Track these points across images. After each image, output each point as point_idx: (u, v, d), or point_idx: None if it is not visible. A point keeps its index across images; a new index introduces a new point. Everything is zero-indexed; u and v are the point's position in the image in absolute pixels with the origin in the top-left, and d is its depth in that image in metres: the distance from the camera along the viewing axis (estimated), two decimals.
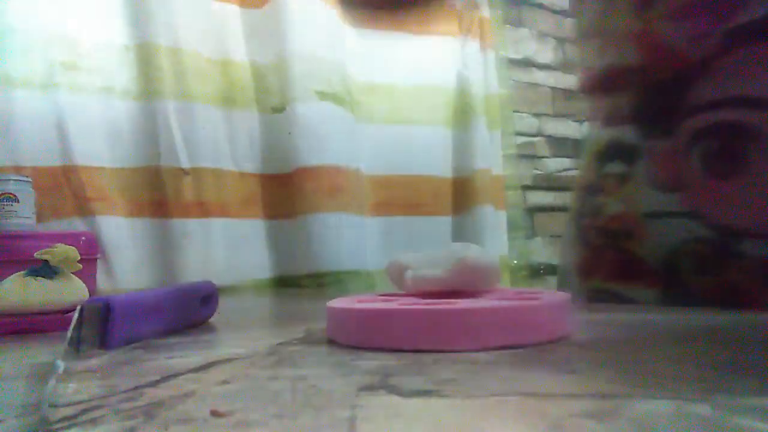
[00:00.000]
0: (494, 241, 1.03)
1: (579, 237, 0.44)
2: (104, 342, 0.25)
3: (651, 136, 0.38)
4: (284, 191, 0.85)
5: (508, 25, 1.30)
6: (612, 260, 0.40)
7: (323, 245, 0.84)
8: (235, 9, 0.85)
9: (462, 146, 1.03)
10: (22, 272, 0.38)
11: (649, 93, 0.38)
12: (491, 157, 1.07)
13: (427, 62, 1.01)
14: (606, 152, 0.42)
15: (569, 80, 1.42)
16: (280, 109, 0.86)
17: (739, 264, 0.33)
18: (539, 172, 1.32)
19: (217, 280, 0.39)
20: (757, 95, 0.33)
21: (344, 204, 0.87)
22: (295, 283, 0.84)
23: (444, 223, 1.01)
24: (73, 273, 0.40)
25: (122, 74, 0.75)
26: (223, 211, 0.80)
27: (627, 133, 0.40)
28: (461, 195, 1.02)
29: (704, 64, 0.34)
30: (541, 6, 1.39)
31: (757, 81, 0.33)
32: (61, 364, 0.20)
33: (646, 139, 0.38)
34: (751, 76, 0.33)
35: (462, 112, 1.04)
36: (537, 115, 1.34)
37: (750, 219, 0.33)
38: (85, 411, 0.15)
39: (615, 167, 0.40)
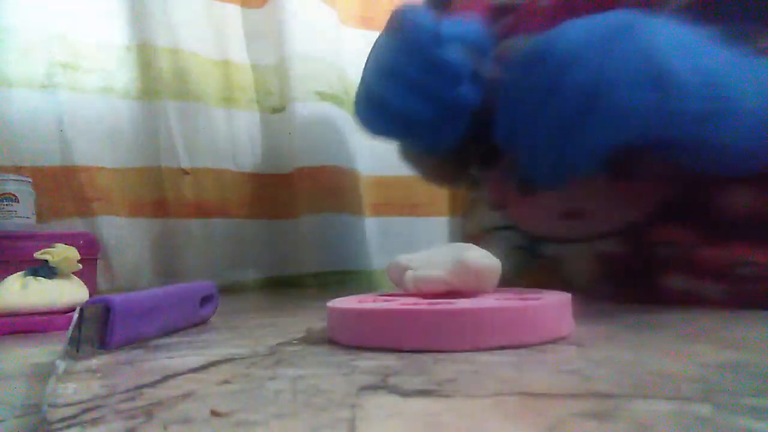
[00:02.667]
0: None
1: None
2: (104, 342, 0.25)
3: (484, 168, 0.47)
4: (284, 191, 0.85)
5: None
6: None
7: (323, 245, 0.84)
8: (235, 9, 0.85)
9: None
10: (22, 272, 0.38)
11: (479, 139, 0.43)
12: None
13: None
14: (467, 182, 0.54)
15: None
16: (280, 110, 0.85)
17: (543, 264, 0.41)
18: None
19: (217, 280, 0.39)
20: None
21: (344, 204, 0.87)
22: (295, 283, 0.84)
23: (441, 223, 1.01)
24: (73, 273, 0.40)
25: (122, 74, 0.74)
26: (223, 211, 0.80)
27: (474, 169, 0.50)
28: (458, 196, 1.02)
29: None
30: None
31: None
32: (61, 364, 0.20)
33: (482, 171, 0.48)
34: None
35: None
36: None
37: (545, 228, 0.41)
38: (85, 411, 0.15)
39: (471, 194, 0.51)
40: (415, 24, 0.39)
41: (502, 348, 0.22)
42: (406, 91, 0.40)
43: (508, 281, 0.30)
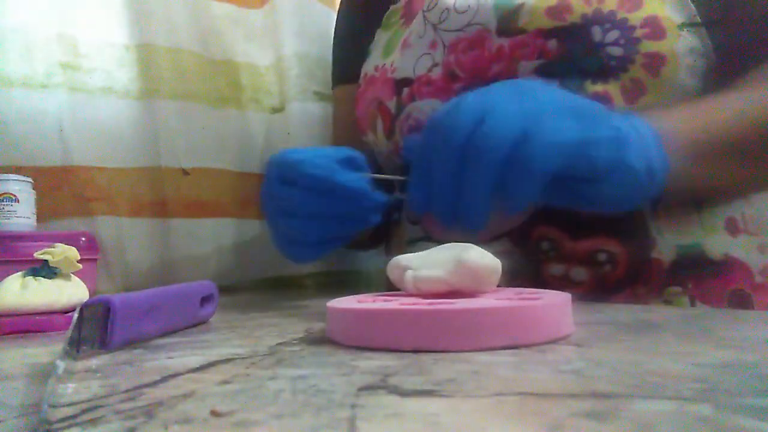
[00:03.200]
0: None
1: None
2: (104, 342, 0.25)
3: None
4: None
5: None
6: None
7: None
8: (234, 9, 0.85)
9: None
10: (22, 272, 0.38)
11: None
12: None
13: None
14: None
15: None
16: (279, 110, 0.86)
17: None
18: None
19: (217, 280, 0.39)
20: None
21: None
22: (295, 283, 0.84)
23: None
24: (73, 273, 0.40)
25: (122, 74, 0.74)
26: (223, 211, 0.80)
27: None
28: None
29: None
30: None
31: None
32: (61, 364, 0.20)
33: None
34: None
35: None
36: None
37: (453, 236, 0.44)
38: (85, 411, 0.15)
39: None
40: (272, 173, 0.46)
41: (502, 348, 0.22)
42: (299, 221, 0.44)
43: None
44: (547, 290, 0.30)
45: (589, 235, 0.45)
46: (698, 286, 0.44)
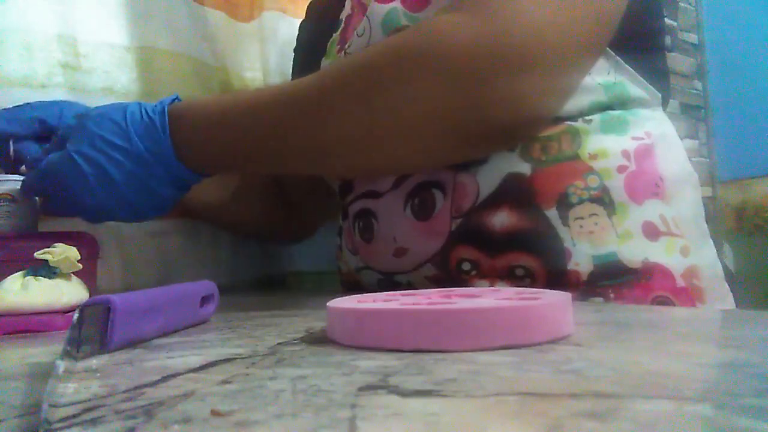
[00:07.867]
0: None
1: None
2: (104, 342, 0.25)
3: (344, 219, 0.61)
4: None
5: None
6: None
7: (323, 244, 0.84)
8: (225, 18, 0.85)
9: None
10: (22, 272, 0.38)
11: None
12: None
13: None
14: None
15: None
16: None
17: (396, 288, 0.52)
18: None
19: (217, 280, 0.39)
20: (376, 189, 0.55)
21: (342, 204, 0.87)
22: (295, 283, 0.84)
23: None
24: (73, 273, 0.40)
25: (122, 75, 0.74)
26: None
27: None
28: None
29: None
30: None
31: (377, 182, 0.55)
32: (61, 364, 0.20)
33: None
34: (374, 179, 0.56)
35: None
36: None
37: (386, 265, 0.55)
38: (85, 411, 0.15)
39: (336, 240, 0.65)
40: None
41: (502, 348, 0.22)
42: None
43: None
44: (546, 290, 0.30)
45: (505, 251, 0.47)
46: (619, 296, 0.44)
